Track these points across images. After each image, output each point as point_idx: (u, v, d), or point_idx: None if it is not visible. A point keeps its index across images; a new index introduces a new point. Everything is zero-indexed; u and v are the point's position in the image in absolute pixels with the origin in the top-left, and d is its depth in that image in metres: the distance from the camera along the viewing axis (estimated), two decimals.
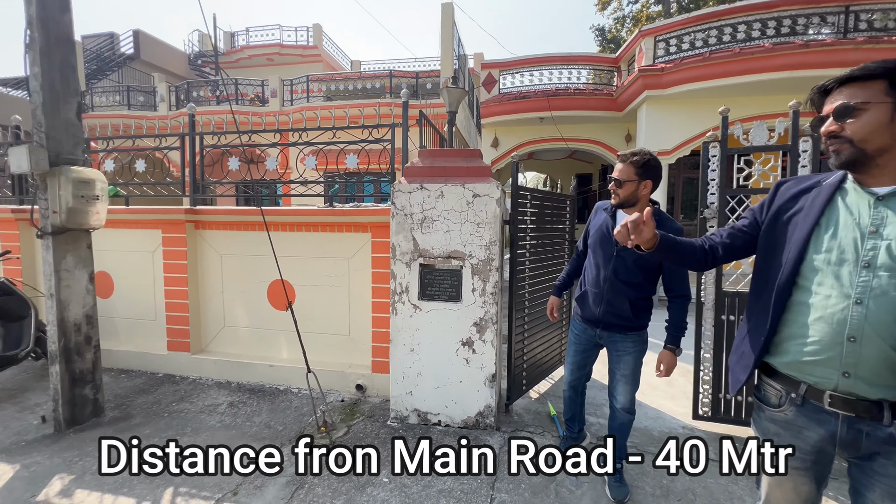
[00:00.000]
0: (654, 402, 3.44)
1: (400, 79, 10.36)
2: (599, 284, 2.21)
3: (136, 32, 15.11)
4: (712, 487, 2.37)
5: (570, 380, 2.52)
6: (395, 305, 2.99)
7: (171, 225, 3.79)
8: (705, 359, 2.94)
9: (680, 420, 3.12)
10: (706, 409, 2.97)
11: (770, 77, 6.27)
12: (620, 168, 2.10)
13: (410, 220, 2.92)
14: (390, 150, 3.45)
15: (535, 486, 2.38)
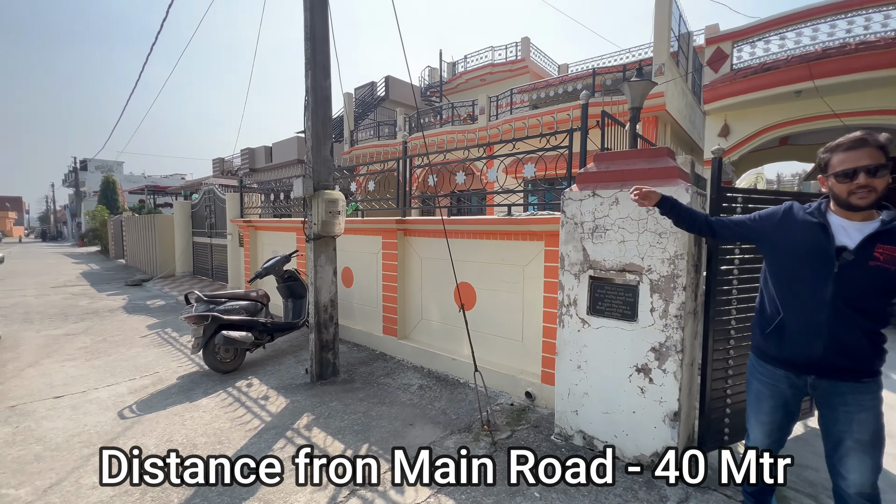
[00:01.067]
0: None
1: (604, 76, 9.73)
2: (812, 311, 1.60)
3: (387, 78, 19.11)
4: None
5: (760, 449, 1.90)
6: (562, 318, 2.88)
7: (387, 232, 4.71)
8: None
9: None
10: None
11: None
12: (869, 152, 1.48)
13: (581, 229, 2.77)
14: (568, 157, 3.34)
15: None
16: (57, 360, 4.65)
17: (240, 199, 8.16)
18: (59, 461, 2.73)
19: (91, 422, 3.25)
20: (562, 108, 9.28)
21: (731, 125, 7.93)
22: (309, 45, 3.85)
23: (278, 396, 3.71)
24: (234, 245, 8.39)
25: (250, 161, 22.12)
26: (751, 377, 1.92)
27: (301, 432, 3.09)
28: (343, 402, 3.58)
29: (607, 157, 2.78)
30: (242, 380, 4.10)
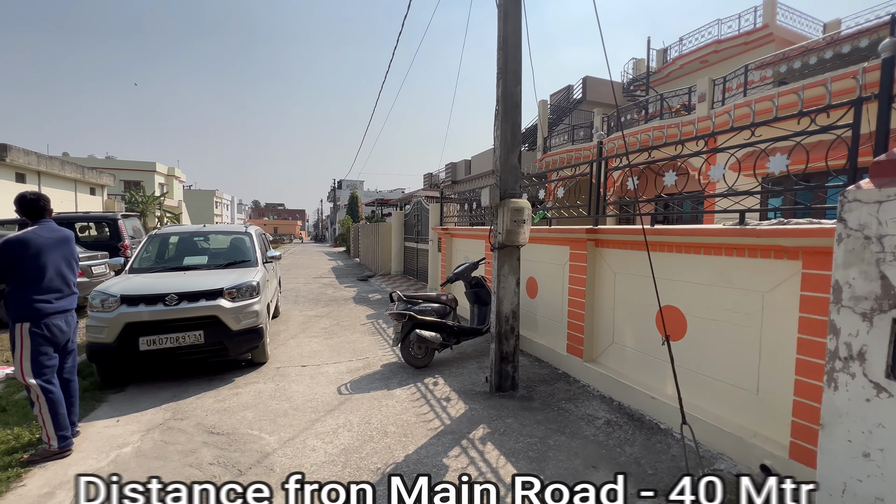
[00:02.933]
0: None
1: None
2: None
3: (585, 79, 18.21)
4: None
5: None
6: (834, 375, 1.96)
7: (576, 242, 4.30)
8: None
9: None
10: None
11: None
12: None
13: (878, 245, 1.82)
14: (852, 140, 2.30)
15: None
16: (307, 336, 6.02)
17: (440, 209, 9.02)
18: (296, 419, 3.43)
19: (320, 392, 4.01)
20: (839, 76, 6.80)
21: None
22: (501, 53, 3.85)
23: (458, 400, 3.80)
24: (433, 250, 9.33)
25: (453, 174, 24.58)
26: None
27: (476, 444, 3.05)
28: (520, 421, 3.39)
29: None
30: (430, 377, 4.40)
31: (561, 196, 4.81)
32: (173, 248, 5.67)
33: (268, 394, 3.93)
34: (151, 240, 5.48)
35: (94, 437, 3.11)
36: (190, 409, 3.58)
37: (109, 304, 3.93)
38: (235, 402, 3.73)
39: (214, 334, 4.12)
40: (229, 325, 4.17)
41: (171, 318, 3.99)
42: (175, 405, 3.67)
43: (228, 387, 4.09)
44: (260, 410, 3.58)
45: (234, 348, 4.27)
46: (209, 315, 4.11)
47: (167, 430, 3.24)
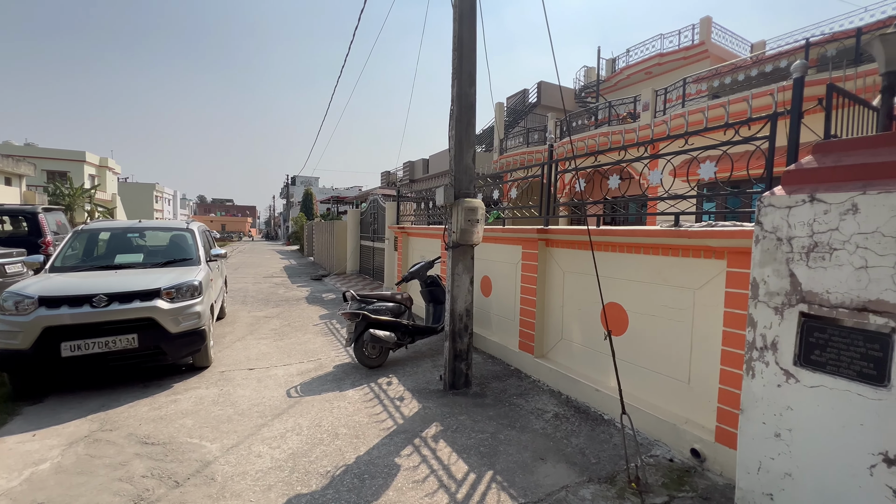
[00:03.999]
0: None
1: (822, 46, 7.48)
2: None
3: (540, 83, 18.76)
4: None
5: None
6: (751, 364, 2.16)
7: (527, 242, 4.43)
8: None
9: None
10: None
11: None
12: None
13: (788, 246, 2.02)
14: (768, 151, 2.54)
15: None
16: (255, 338, 5.76)
17: (396, 207, 8.95)
18: (241, 425, 3.27)
19: (267, 395, 3.85)
20: (760, 93, 7.48)
21: None
22: (456, 54, 3.88)
23: (412, 399, 3.80)
24: (390, 249, 9.25)
25: (410, 172, 24.47)
26: None
27: (428, 442, 3.06)
28: (472, 418, 3.44)
29: (837, 147, 1.97)
30: (384, 377, 4.36)
31: (515, 197, 4.93)
32: (104, 244, 5.22)
33: (210, 399, 3.73)
34: (77, 236, 5.01)
35: (5, 455, 2.81)
36: (121, 419, 3.32)
37: (25, 306, 3.55)
38: (173, 410, 3.50)
39: (150, 338, 3.84)
40: (167, 328, 3.90)
41: (99, 322, 3.67)
42: (103, 415, 3.38)
43: (166, 393, 3.83)
44: (201, 417, 3.38)
45: (174, 352, 4.01)
46: (144, 317, 3.82)
47: (93, 442, 2.98)
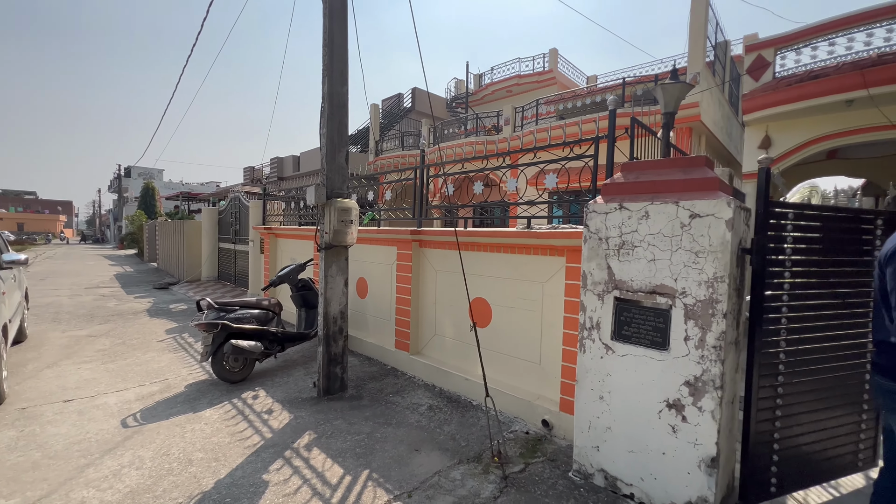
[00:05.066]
0: None
1: (634, 86, 9.39)
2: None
3: (414, 90, 19.29)
4: None
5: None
6: (582, 341, 2.62)
7: (402, 243, 4.55)
8: None
9: None
10: None
11: None
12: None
13: (605, 244, 2.52)
14: (593, 167, 3.10)
15: None
16: (75, 362, 4.69)
17: (262, 207, 8.24)
18: (54, 470, 2.65)
19: (94, 429, 3.19)
20: (588, 119, 8.99)
21: (772, 137, 7.43)
22: (327, 51, 3.79)
23: (283, 411, 3.57)
24: (255, 252, 8.46)
25: (279, 169, 22.69)
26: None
27: (300, 452, 2.92)
28: (348, 421, 3.40)
29: (637, 167, 2.53)
30: (249, 391, 4.00)
31: (390, 199, 5.02)
32: None
33: (4, 445, 2.92)
34: None
35: None
36: None
37: None
38: None
39: None
40: None
41: None
42: None
43: None
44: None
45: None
46: None
47: None
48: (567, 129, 9.68)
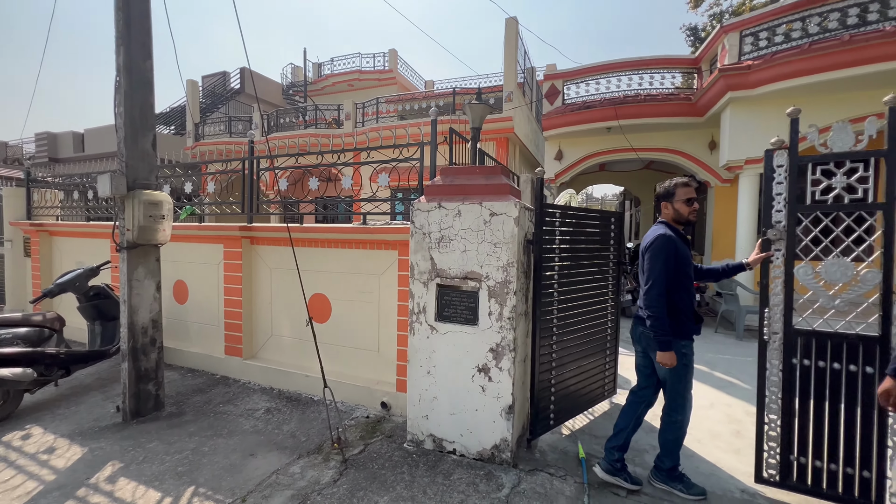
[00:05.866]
0: (712, 454, 2.94)
1: (463, 96, 10.50)
2: (692, 296, 2.50)
3: (243, 69, 17.35)
4: None
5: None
6: (412, 325, 2.95)
7: (230, 240, 4.20)
8: (771, 410, 2.44)
9: (740, 481, 2.61)
10: (773, 473, 2.44)
11: (885, 68, 5.18)
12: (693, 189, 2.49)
13: (428, 238, 2.88)
14: (419, 169, 3.46)
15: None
16: None
17: (27, 196, 6.36)
18: None
19: None
20: (425, 122, 9.69)
21: (563, 151, 9.33)
22: (121, 14, 3.23)
23: (71, 446, 2.95)
24: (16, 255, 6.49)
25: (52, 148, 17.61)
26: (687, 359, 2.40)
27: (101, 487, 2.50)
28: (166, 441, 3.03)
29: (452, 172, 2.96)
30: (18, 430, 3.16)
31: (214, 191, 4.52)
32: None
33: None
34: None
35: None
36: None
37: None
38: None
39: None
40: None
41: None
42: None
43: None
44: None
45: None
46: None
47: None
48: (409, 130, 10.21)
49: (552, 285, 2.95)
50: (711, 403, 3.78)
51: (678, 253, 2.36)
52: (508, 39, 9.60)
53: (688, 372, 2.40)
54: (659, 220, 2.56)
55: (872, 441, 2.19)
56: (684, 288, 2.37)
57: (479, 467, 2.70)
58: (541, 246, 2.83)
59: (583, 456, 2.80)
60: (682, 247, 2.40)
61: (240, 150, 12.94)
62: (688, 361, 2.40)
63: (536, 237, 2.83)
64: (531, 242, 2.87)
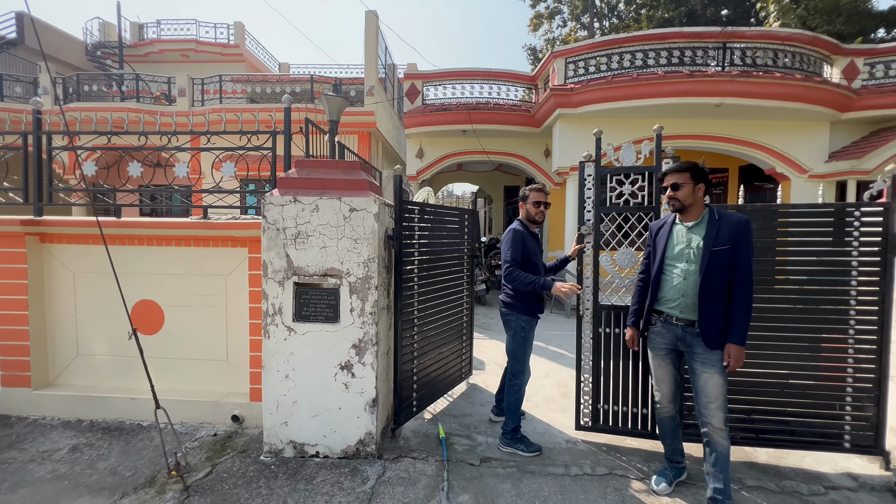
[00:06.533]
0: (546, 415, 3.48)
1: (323, 84, 10.02)
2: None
3: (20, 15, 13.30)
4: None
5: None
6: (267, 328, 2.74)
7: (4, 238, 3.23)
8: (585, 370, 3.01)
9: (566, 433, 3.16)
10: (587, 420, 3.03)
11: (663, 102, 6.84)
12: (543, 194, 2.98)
13: (283, 235, 2.71)
14: (272, 159, 3.21)
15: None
16: None
17: None
18: None
19: None
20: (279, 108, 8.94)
21: (424, 149, 9.71)
22: None
23: None
24: None
25: None
26: (526, 332, 2.89)
27: None
28: None
29: (308, 165, 2.83)
30: None
31: None
32: None
33: None
34: None
35: None
36: None
37: None
38: None
39: None
40: None
41: None
42: None
43: None
44: None
45: None
46: None
47: None
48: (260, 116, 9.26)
49: (412, 279, 3.09)
50: (546, 373, 4.46)
51: (525, 245, 2.83)
52: (369, 33, 9.51)
53: (526, 343, 2.87)
54: (517, 218, 3.04)
55: (648, 387, 2.90)
56: (531, 273, 2.80)
57: (343, 465, 2.68)
58: (401, 241, 2.93)
59: (443, 436, 3.01)
60: (529, 240, 2.88)
61: (18, 121, 9.92)
62: (526, 335, 2.86)
63: (397, 233, 2.91)
64: (391, 238, 2.94)
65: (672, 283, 2.27)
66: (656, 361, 2.42)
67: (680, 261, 2.25)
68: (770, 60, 7.11)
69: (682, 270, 2.23)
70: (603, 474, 2.63)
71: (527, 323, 2.86)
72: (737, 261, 2.09)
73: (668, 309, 2.30)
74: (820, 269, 2.72)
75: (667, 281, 2.30)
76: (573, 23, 25.40)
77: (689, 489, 2.47)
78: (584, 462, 2.75)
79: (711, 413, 2.17)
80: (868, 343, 2.62)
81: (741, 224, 2.12)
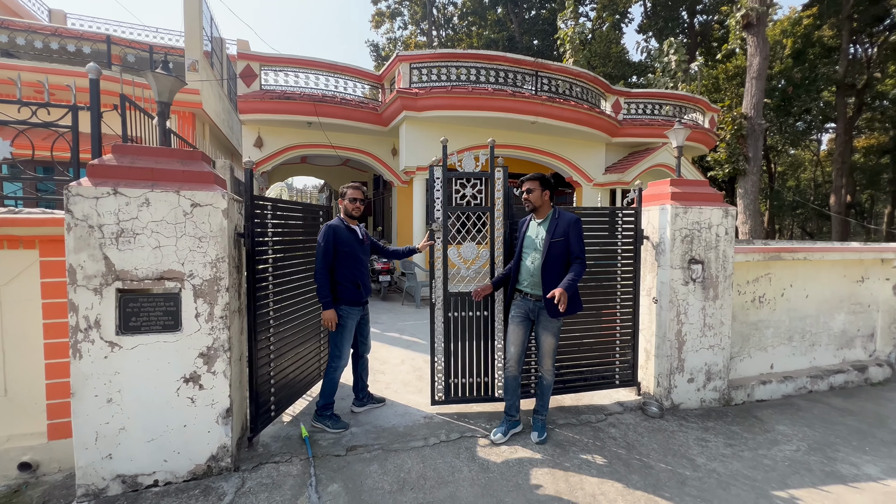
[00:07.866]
0: (405, 398, 3.76)
1: (125, 48, 8.20)
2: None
3: None
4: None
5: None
6: (77, 346, 2.25)
7: None
8: (438, 351, 3.38)
9: (423, 411, 3.49)
10: (440, 395, 3.42)
11: (492, 115, 7.88)
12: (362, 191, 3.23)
13: (99, 233, 2.27)
14: (73, 140, 2.61)
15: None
16: None
17: None
18: None
19: None
20: (63, 71, 6.96)
21: (264, 138, 8.93)
22: None
23: None
24: None
25: None
26: (344, 320, 3.08)
27: None
28: None
29: (133, 151, 2.42)
30: None
31: None
32: None
33: None
34: None
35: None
36: None
37: None
38: None
39: None
40: None
41: None
42: None
43: None
44: None
45: None
46: None
47: None
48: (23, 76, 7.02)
49: (267, 278, 2.94)
50: (402, 360, 4.76)
51: (338, 238, 3.03)
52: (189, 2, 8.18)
53: (344, 330, 3.10)
54: (337, 215, 3.25)
55: (489, 359, 3.44)
56: (346, 265, 3.06)
57: (192, 487, 2.42)
58: (253, 239, 2.77)
59: (306, 435, 2.98)
60: (344, 233, 3.06)
61: None
62: (344, 322, 3.09)
63: (248, 230, 2.74)
64: (242, 235, 2.75)
65: (526, 266, 2.95)
66: (513, 326, 3.02)
67: (531, 249, 2.93)
68: (567, 90, 8.92)
69: (532, 257, 2.91)
70: (455, 438, 3.03)
71: (345, 312, 3.09)
72: (570, 247, 2.82)
73: (523, 287, 2.98)
74: (601, 255, 3.66)
75: (523, 265, 2.98)
76: (413, 27, 26.55)
77: (522, 438, 3.07)
78: (440, 432, 3.11)
79: (545, 360, 2.97)
80: (627, 307, 3.67)
81: (572, 221, 2.86)
